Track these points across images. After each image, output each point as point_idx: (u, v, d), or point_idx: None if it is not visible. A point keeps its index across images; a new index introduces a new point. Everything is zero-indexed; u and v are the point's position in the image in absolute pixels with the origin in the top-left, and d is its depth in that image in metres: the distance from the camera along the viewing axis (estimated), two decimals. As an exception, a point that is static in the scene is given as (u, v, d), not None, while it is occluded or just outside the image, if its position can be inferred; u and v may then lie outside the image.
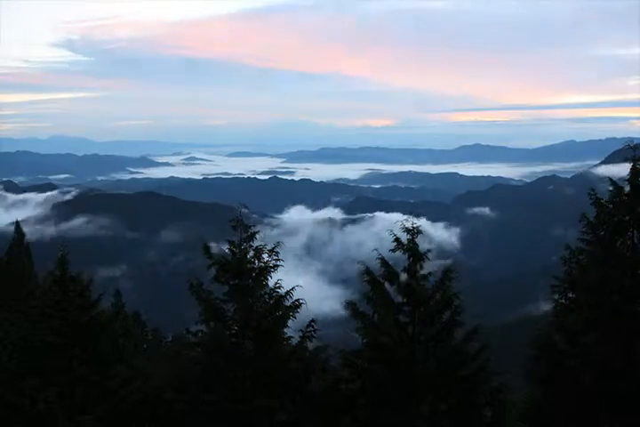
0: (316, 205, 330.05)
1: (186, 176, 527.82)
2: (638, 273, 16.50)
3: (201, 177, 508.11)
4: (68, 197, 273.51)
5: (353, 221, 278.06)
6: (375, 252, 16.35)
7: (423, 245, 16.07)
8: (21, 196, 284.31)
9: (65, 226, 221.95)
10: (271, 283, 16.29)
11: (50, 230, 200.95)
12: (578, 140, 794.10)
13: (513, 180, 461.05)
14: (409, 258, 15.89)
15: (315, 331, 16.36)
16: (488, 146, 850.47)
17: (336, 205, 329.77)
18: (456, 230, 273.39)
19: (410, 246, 15.86)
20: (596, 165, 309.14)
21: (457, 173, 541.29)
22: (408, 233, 15.93)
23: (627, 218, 16.68)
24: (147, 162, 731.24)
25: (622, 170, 17.11)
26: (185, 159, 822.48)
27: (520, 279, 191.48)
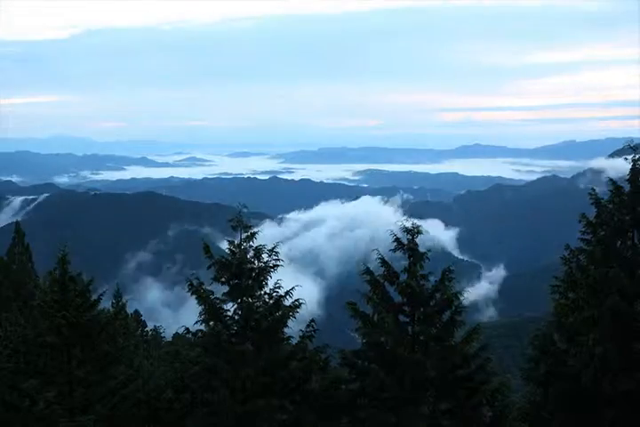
0: (315, 204, 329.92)
1: (186, 176, 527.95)
2: (638, 273, 16.51)
3: (201, 177, 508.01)
4: (67, 197, 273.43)
5: (352, 221, 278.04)
6: (375, 251, 16.35)
7: (423, 244, 16.08)
8: (21, 196, 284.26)
9: (65, 226, 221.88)
10: (271, 283, 16.31)
11: (50, 230, 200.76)
12: (578, 140, 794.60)
13: (513, 180, 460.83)
14: (409, 258, 15.89)
15: (315, 331, 16.37)
16: (488, 146, 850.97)
17: (336, 206, 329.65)
18: (456, 230, 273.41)
19: (410, 246, 15.86)
20: (595, 166, 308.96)
21: (457, 173, 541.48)
22: (408, 233, 15.93)
23: (627, 218, 16.68)
24: (147, 162, 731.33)
25: (622, 170, 17.12)
26: (185, 159, 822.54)
27: (520, 279, 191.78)
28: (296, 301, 16.19)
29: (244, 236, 16.22)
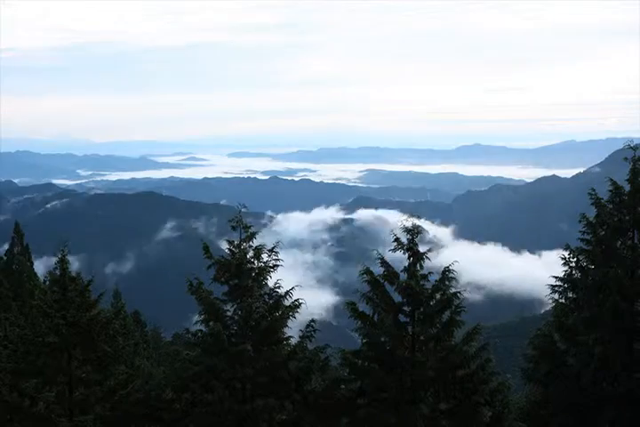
0: (315, 205, 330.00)
1: (186, 176, 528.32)
2: (638, 273, 16.51)
3: (201, 177, 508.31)
4: (68, 197, 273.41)
5: (353, 222, 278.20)
6: (375, 252, 16.33)
7: (423, 244, 16.06)
8: (21, 196, 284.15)
9: (65, 226, 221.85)
10: (271, 283, 16.30)
11: (50, 230, 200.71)
12: (578, 140, 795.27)
13: (513, 180, 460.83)
14: (409, 258, 15.87)
15: (314, 331, 16.36)
16: (488, 146, 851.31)
17: (336, 206, 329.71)
18: (456, 230, 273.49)
19: (410, 246, 15.85)
20: (596, 165, 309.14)
21: (457, 173, 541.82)
22: (408, 233, 15.91)
23: (627, 218, 16.69)
24: (147, 162, 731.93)
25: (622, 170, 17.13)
26: (185, 159, 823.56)
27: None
28: (296, 301, 16.18)
29: (243, 236, 16.22)
